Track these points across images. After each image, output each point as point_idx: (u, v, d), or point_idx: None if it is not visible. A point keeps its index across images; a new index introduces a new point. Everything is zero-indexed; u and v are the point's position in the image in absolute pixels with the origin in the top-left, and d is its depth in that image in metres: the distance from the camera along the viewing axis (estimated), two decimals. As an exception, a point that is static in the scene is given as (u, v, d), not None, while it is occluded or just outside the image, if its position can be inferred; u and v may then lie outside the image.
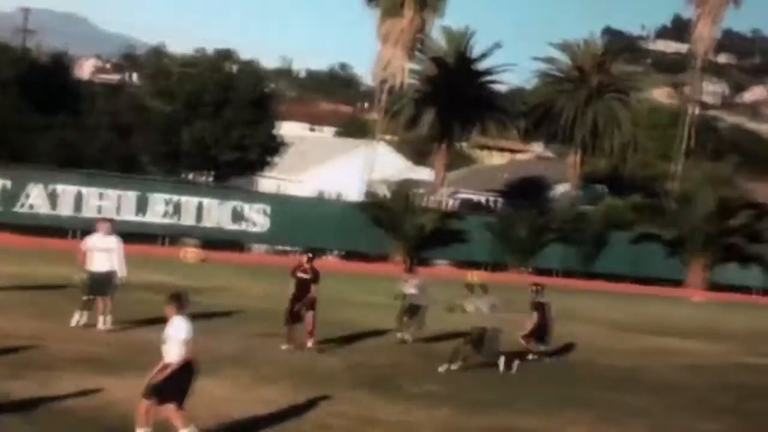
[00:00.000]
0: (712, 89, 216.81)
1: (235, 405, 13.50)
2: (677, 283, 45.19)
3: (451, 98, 50.62)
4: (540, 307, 20.67)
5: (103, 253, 18.64)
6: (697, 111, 57.70)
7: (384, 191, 43.99)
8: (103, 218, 21.01)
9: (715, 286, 44.90)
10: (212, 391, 14.10)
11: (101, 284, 18.58)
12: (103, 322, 18.59)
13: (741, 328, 30.75)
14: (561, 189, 58.44)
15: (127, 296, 19.98)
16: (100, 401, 13.25)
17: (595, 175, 63.53)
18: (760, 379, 20.95)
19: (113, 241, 18.88)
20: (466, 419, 14.60)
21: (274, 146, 49.71)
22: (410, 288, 21.24)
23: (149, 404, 10.95)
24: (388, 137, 70.06)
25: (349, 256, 42.12)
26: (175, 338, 10.93)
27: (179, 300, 11.14)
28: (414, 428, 13.84)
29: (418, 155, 73.96)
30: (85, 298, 18.61)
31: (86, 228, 36.72)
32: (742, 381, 20.44)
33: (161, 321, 19.15)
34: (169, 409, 10.88)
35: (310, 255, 19.43)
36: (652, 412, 16.47)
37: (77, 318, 18.63)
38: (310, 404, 14.35)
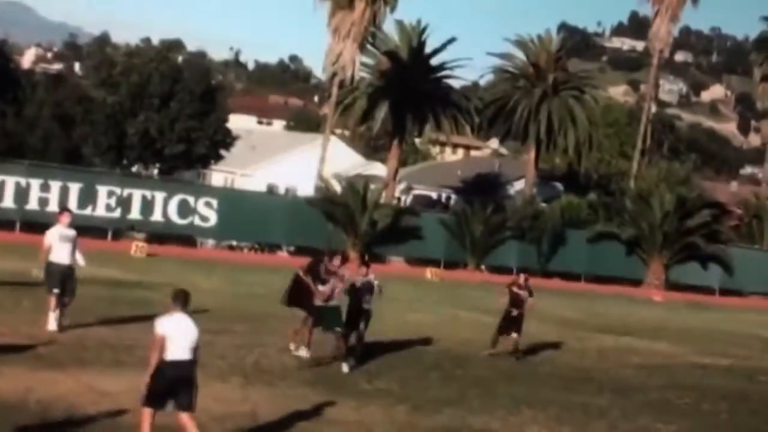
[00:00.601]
0: (669, 87, 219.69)
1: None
2: (636, 282, 45.13)
3: (405, 93, 50.20)
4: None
5: (67, 245, 17.76)
6: (654, 109, 57.84)
7: (336, 186, 43.45)
8: (64, 208, 19.90)
9: (673, 286, 44.91)
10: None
11: (67, 278, 17.64)
12: (55, 319, 17.63)
13: (698, 328, 30.69)
14: (517, 186, 58.27)
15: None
16: (46, 396, 13.00)
17: (551, 172, 63.50)
18: (717, 380, 20.85)
19: (73, 232, 18.08)
20: (421, 418, 14.39)
21: (222, 139, 48.98)
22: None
23: (183, 415, 10.74)
24: (339, 131, 69.54)
25: (301, 251, 41.48)
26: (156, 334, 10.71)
27: (183, 297, 10.91)
28: (370, 427, 13.57)
29: (371, 150, 73.61)
30: (56, 291, 17.50)
31: (29, 220, 36.19)
32: (698, 382, 20.32)
33: (110, 317, 18.72)
34: (143, 412, 10.61)
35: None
36: (610, 412, 16.34)
37: (54, 320, 17.53)
38: (263, 402, 14.05)
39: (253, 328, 20.42)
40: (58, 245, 17.71)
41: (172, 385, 10.72)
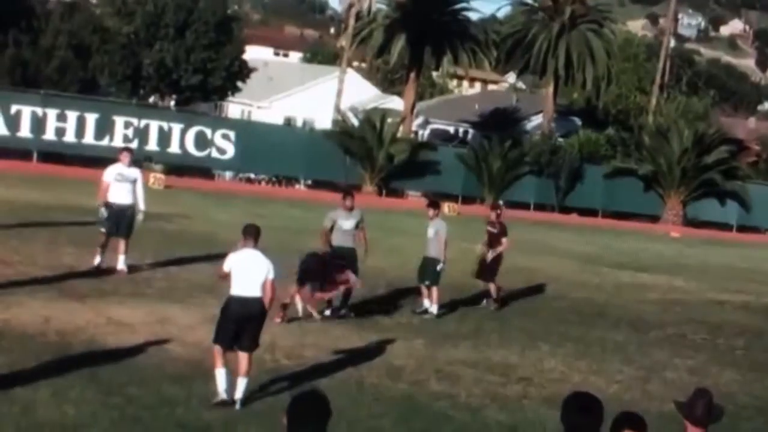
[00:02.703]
0: (688, 22, 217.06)
1: (204, 332, 13.03)
2: (653, 218, 44.94)
3: (422, 25, 49.56)
4: None
5: (125, 184, 17.39)
6: (673, 43, 57.09)
7: (353, 120, 43.23)
8: (125, 147, 19.63)
9: (690, 222, 44.72)
10: (180, 318, 14.28)
11: (122, 218, 17.27)
12: (123, 262, 17.34)
13: (715, 265, 30.56)
14: (535, 121, 57.83)
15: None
16: (65, 327, 13.09)
17: (569, 107, 62.97)
18: (733, 316, 20.82)
19: (136, 172, 17.80)
20: (440, 351, 14.43)
21: (239, 71, 48.61)
22: (429, 230, 17.37)
23: (240, 354, 10.76)
24: (356, 64, 69.01)
25: (318, 185, 41.46)
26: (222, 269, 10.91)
27: (253, 232, 10.98)
28: (389, 359, 13.63)
29: (388, 83, 73.06)
30: (102, 230, 17.20)
31: (46, 150, 36.21)
32: (715, 317, 20.29)
33: (129, 249, 18.70)
34: (213, 350, 10.73)
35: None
36: (627, 347, 16.33)
37: (100, 257, 17.21)
38: (282, 334, 14.05)
39: (271, 260, 20.43)
40: (116, 185, 17.33)
41: (239, 322, 10.64)
